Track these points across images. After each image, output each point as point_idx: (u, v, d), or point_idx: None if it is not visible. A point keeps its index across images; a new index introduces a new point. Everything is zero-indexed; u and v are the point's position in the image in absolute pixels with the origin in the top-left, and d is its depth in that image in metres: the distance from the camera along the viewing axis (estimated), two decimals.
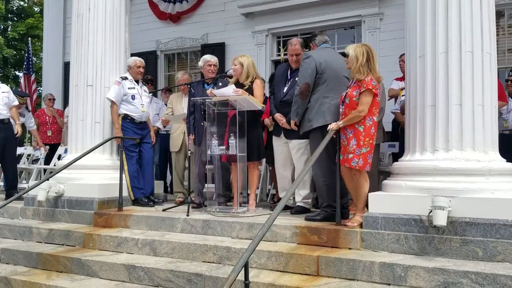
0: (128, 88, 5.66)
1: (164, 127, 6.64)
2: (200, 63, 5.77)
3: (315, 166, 4.40)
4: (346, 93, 4.15)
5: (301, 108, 4.54)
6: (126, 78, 5.72)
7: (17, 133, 6.53)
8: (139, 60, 5.84)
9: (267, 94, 5.71)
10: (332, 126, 4.07)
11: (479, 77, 3.77)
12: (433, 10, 3.88)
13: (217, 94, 4.89)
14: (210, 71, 5.64)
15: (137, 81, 5.82)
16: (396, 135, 6.14)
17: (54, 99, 8.91)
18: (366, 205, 4.02)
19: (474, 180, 3.60)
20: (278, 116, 4.99)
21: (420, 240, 3.54)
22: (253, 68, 5.20)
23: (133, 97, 5.68)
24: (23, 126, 7.39)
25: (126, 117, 5.66)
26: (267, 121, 5.46)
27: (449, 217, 3.42)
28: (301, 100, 4.51)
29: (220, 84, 5.41)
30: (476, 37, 3.79)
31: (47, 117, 8.62)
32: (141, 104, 5.75)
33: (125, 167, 5.57)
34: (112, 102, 5.60)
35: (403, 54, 5.29)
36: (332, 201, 4.18)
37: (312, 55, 4.53)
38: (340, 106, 4.22)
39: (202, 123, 5.39)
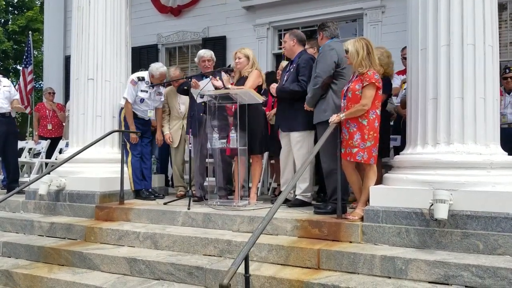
0: (141, 91, 5.67)
1: None
2: (196, 60, 5.81)
3: (326, 158, 4.41)
4: (348, 87, 4.15)
5: (317, 97, 4.55)
6: (143, 79, 5.71)
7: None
8: (165, 72, 5.83)
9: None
10: (334, 118, 4.06)
11: (481, 70, 3.75)
12: (435, 2, 3.86)
13: (200, 84, 5.06)
14: (205, 66, 5.65)
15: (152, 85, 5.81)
16: (398, 129, 6.12)
17: (54, 93, 8.89)
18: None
19: (475, 173, 3.59)
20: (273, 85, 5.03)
21: (421, 233, 3.53)
22: (255, 59, 5.27)
23: (141, 101, 5.70)
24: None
25: None
26: (269, 114, 5.48)
27: (450, 210, 3.42)
28: (320, 91, 4.51)
29: (218, 78, 5.42)
30: (478, 30, 3.76)
31: (47, 111, 8.61)
32: (147, 109, 5.79)
33: (129, 159, 5.60)
34: (127, 102, 5.61)
35: (405, 48, 5.26)
36: (342, 193, 4.18)
37: (336, 48, 4.48)
38: (342, 101, 4.21)
39: (201, 114, 5.38)
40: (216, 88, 5.12)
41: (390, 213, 3.70)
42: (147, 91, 5.71)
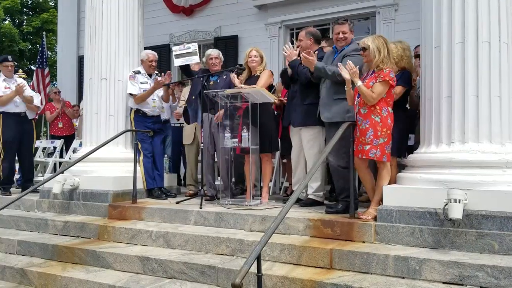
0: (141, 83, 5.69)
1: (178, 120, 6.66)
2: (204, 60, 5.86)
3: (332, 154, 4.38)
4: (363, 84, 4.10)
5: (326, 78, 4.52)
6: (139, 72, 5.75)
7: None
8: (152, 54, 5.85)
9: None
10: (349, 76, 4.03)
11: (496, 68, 3.69)
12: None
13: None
14: (212, 64, 5.70)
15: (150, 75, 5.82)
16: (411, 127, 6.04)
17: (59, 92, 8.96)
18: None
19: (490, 172, 3.54)
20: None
21: (435, 233, 3.49)
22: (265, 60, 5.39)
23: None
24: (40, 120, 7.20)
25: (138, 111, 5.70)
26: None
27: (464, 210, 3.38)
28: (334, 80, 4.43)
29: (224, 76, 5.48)
30: (493, 27, 3.70)
31: (56, 110, 8.68)
32: (153, 99, 5.78)
33: (141, 158, 5.62)
34: (135, 96, 5.68)
35: (417, 46, 5.21)
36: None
37: None
38: (356, 99, 4.17)
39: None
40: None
41: (404, 212, 3.67)
42: (147, 82, 5.75)
